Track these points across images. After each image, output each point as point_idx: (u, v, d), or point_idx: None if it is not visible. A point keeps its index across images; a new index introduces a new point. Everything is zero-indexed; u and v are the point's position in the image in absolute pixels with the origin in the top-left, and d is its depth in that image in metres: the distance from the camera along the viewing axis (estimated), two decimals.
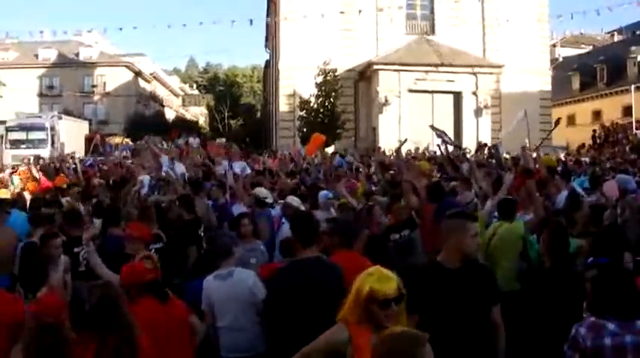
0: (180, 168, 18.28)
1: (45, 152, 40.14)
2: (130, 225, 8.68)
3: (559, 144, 41.02)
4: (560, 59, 70.07)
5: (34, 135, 46.03)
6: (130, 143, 45.00)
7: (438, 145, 19.52)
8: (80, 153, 43.30)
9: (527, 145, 19.09)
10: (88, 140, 49.55)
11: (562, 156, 27.09)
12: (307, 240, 6.44)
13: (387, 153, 30.31)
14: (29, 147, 42.97)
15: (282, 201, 12.03)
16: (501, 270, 8.22)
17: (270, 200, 11.77)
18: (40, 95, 78.52)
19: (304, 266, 6.33)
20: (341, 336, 4.71)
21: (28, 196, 15.80)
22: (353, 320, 4.67)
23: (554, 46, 67.46)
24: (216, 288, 6.88)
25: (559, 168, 17.23)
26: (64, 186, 17.10)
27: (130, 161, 24.45)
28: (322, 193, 12.53)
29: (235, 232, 8.93)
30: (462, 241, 5.37)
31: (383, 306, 4.52)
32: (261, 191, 12.07)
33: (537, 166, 13.61)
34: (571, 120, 60.26)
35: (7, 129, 47.15)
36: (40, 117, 51.30)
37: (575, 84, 64.37)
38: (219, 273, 6.98)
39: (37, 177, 20.16)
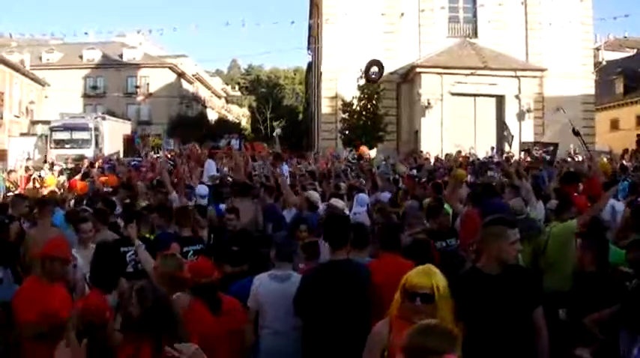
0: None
1: (89, 152, 40.38)
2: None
3: (602, 148, 40.61)
4: (604, 63, 69.15)
5: (78, 135, 46.29)
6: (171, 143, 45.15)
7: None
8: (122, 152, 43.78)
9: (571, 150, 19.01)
10: (126, 140, 50.16)
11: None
12: (337, 242, 6.48)
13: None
14: (73, 147, 43.27)
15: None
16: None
17: (319, 204, 11.86)
18: (84, 96, 79.48)
19: (329, 269, 6.37)
20: (382, 329, 4.81)
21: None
22: (394, 313, 4.78)
23: (597, 49, 66.61)
24: (269, 288, 6.78)
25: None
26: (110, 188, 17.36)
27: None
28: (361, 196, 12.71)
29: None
30: (501, 248, 5.36)
31: (410, 298, 4.66)
32: (313, 194, 12.18)
33: (593, 172, 13.62)
34: (614, 124, 59.64)
35: (52, 129, 47.48)
36: (83, 117, 51.85)
37: (619, 88, 63.51)
38: (275, 274, 6.91)
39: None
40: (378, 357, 4.77)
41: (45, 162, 30.17)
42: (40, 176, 23.93)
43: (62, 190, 18.60)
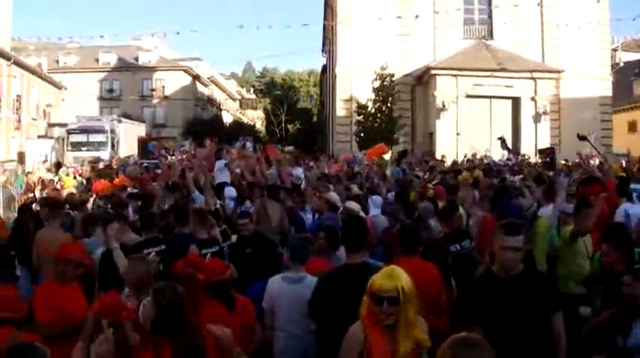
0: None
1: (105, 154, 40.99)
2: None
3: (619, 151, 40.33)
4: (621, 64, 68.67)
5: (95, 138, 46.95)
6: (187, 144, 45.50)
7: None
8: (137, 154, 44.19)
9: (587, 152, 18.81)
10: (141, 142, 50.55)
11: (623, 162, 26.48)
12: (353, 245, 6.35)
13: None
14: (90, 150, 44.10)
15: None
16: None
17: (340, 205, 11.88)
18: (101, 99, 79.73)
19: (346, 273, 6.22)
20: (357, 332, 4.84)
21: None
22: (364, 315, 4.81)
23: (614, 50, 66.17)
24: (282, 290, 6.79)
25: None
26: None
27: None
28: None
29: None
30: (498, 252, 5.40)
31: (377, 302, 4.67)
32: (333, 196, 12.23)
33: (606, 176, 13.43)
34: (632, 126, 59.17)
35: (69, 132, 48.21)
36: (100, 120, 52.39)
37: (637, 89, 62.71)
38: (288, 276, 6.91)
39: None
40: None
41: (59, 166, 30.30)
42: (51, 179, 24.03)
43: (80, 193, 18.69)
